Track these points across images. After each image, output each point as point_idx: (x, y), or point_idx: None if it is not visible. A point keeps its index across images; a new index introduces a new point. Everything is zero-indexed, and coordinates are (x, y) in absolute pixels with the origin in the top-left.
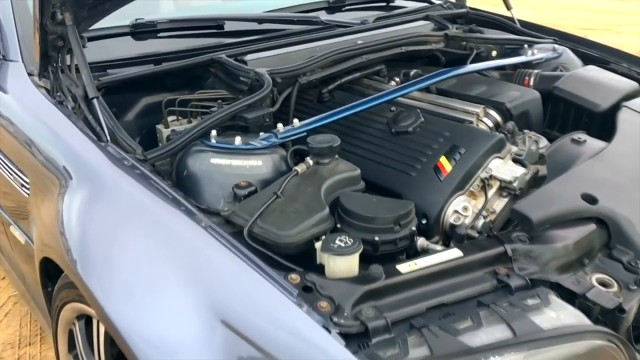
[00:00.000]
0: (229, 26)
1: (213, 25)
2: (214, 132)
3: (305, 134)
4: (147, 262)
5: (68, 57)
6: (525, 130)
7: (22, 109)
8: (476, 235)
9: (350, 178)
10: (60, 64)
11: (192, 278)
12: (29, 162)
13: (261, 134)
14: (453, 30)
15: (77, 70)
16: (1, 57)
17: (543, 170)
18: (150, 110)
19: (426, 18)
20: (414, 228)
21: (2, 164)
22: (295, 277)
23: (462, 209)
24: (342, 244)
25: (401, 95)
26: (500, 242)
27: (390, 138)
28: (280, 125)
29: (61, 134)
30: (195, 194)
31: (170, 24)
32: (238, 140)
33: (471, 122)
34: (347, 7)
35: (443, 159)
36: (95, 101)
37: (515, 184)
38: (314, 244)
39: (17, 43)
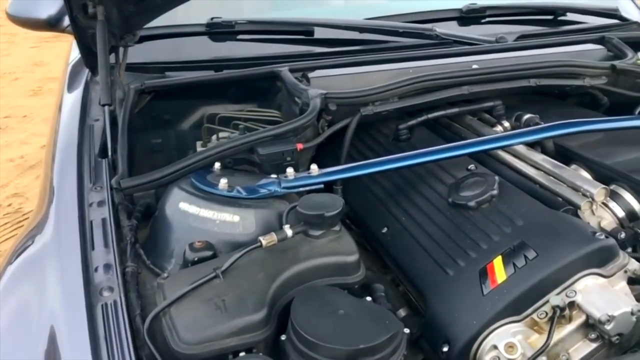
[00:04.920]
0: (320, 33)
1: (300, 31)
2: (217, 165)
3: (322, 186)
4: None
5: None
6: None
7: (66, 106)
8: None
9: (338, 265)
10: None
11: None
12: (44, 173)
13: (271, 177)
14: (630, 60)
15: (128, 69)
16: None
17: None
18: (209, 120)
19: (600, 41)
20: None
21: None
22: None
23: (504, 347)
24: None
25: (492, 149)
26: None
27: (445, 209)
28: (290, 171)
29: (65, 143)
30: (156, 243)
31: (249, 26)
32: (223, 183)
33: (574, 208)
34: (487, 19)
35: (497, 261)
36: (105, 109)
37: (608, 327)
38: None
39: None
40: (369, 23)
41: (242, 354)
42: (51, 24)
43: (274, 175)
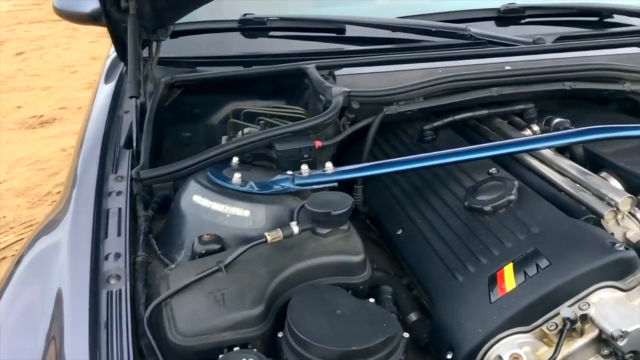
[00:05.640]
0: (352, 31)
1: (331, 29)
2: (235, 160)
3: (335, 184)
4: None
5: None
6: None
7: (100, 97)
8: None
9: (343, 264)
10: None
11: None
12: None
13: (286, 173)
14: None
15: (161, 63)
16: None
17: None
18: (234, 115)
19: None
20: None
21: None
22: None
23: (510, 358)
24: None
25: (514, 153)
26: None
27: (461, 213)
28: (304, 168)
29: (93, 132)
30: (169, 234)
31: (280, 23)
32: (236, 177)
33: (597, 218)
34: (527, 20)
35: (508, 269)
36: (134, 101)
37: (621, 343)
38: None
39: None
40: (401, 22)
41: (236, 348)
42: (94, 18)
43: (289, 172)
